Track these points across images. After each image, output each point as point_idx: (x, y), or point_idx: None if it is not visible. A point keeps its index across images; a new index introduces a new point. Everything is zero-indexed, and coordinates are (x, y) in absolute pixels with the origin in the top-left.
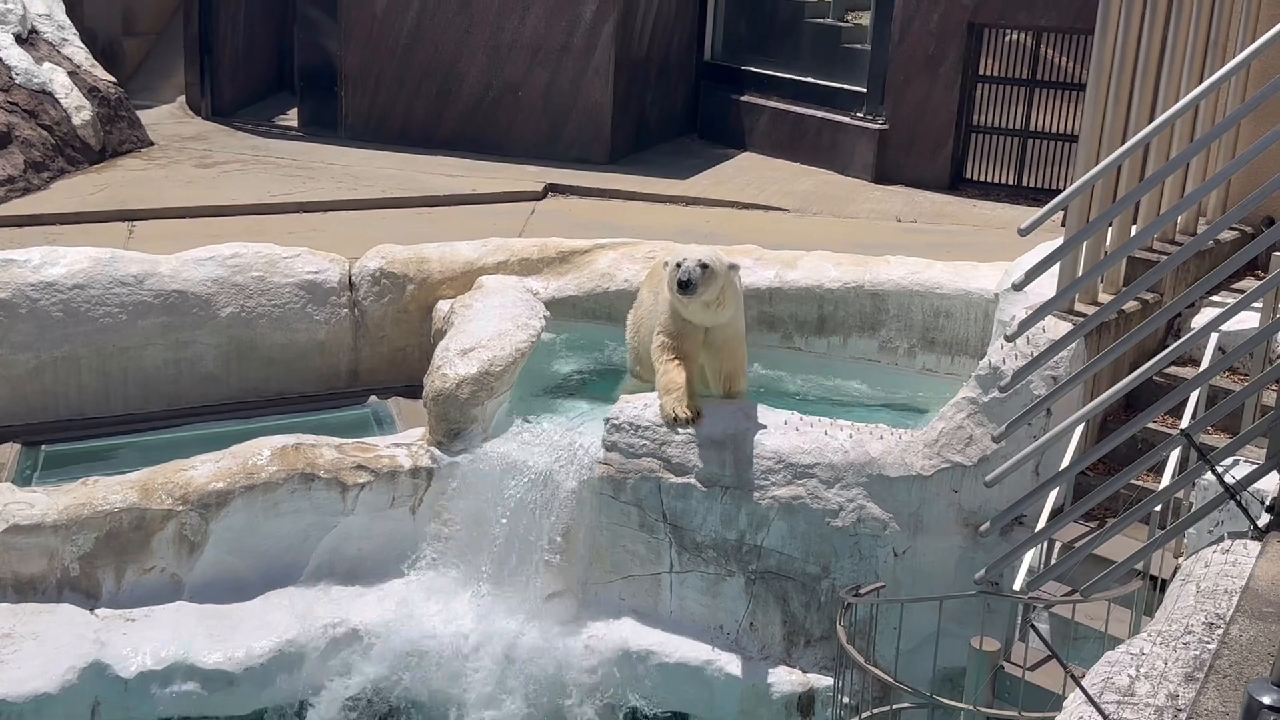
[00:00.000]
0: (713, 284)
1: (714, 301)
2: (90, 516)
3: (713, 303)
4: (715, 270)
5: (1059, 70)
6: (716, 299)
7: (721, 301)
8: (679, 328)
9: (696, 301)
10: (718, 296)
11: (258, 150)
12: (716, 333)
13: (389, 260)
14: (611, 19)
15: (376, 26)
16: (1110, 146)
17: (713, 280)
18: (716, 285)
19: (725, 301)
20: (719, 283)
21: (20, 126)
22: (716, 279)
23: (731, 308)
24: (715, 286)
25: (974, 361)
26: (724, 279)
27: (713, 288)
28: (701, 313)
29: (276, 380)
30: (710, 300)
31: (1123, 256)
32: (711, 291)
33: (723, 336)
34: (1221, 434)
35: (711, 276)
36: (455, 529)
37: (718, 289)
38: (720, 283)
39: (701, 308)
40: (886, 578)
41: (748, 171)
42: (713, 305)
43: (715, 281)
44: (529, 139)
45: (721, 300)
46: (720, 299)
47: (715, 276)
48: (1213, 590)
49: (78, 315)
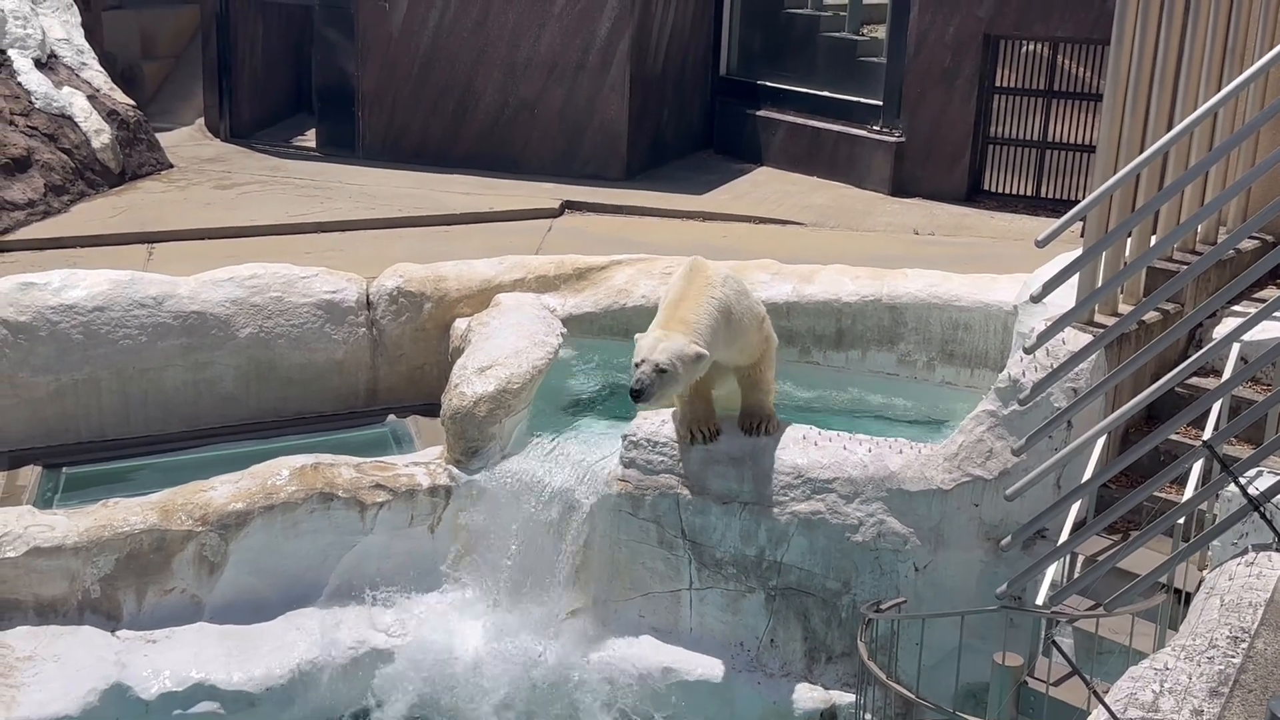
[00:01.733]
0: (670, 386)
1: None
2: (111, 538)
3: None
4: (674, 374)
5: (1076, 81)
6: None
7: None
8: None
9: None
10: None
11: (276, 171)
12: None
13: (406, 279)
14: (627, 36)
15: (393, 46)
16: (1128, 156)
17: (671, 383)
18: (676, 386)
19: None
20: (679, 383)
21: (40, 150)
22: (676, 380)
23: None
24: (674, 387)
25: (993, 374)
26: (686, 376)
27: (670, 389)
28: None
29: (295, 400)
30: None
31: (1142, 266)
32: (669, 393)
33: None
34: (1245, 445)
35: (670, 381)
36: (474, 547)
37: (679, 388)
38: (681, 383)
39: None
40: (908, 593)
41: (764, 186)
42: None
43: (675, 384)
44: (545, 156)
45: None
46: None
47: (674, 380)
48: (1237, 604)
49: (98, 337)
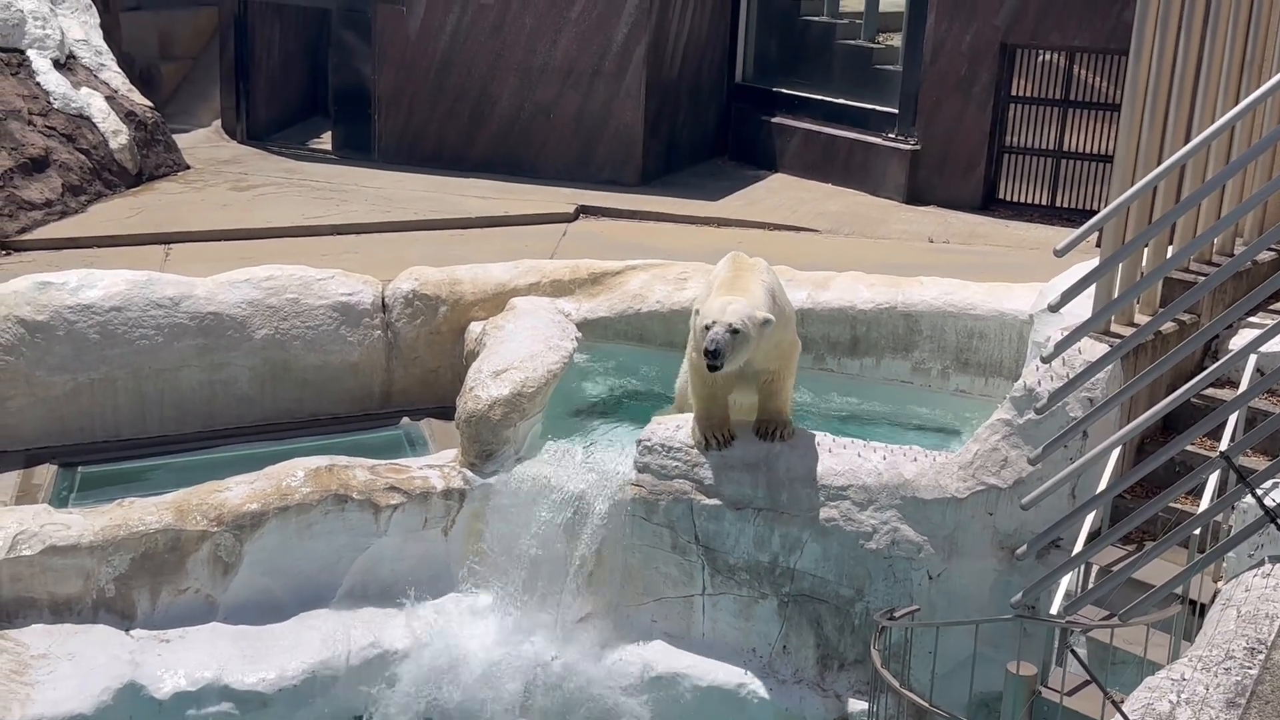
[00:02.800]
0: (743, 349)
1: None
2: (126, 538)
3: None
4: (747, 334)
5: (1092, 90)
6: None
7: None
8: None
9: (728, 368)
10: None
11: (292, 173)
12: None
13: (422, 282)
14: (643, 42)
15: (410, 50)
16: (1146, 167)
17: (744, 345)
18: (748, 348)
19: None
20: (749, 345)
21: (58, 151)
22: (748, 342)
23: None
24: (746, 350)
25: (1008, 383)
26: (756, 339)
27: (742, 353)
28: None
29: (310, 402)
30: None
31: (1159, 277)
32: (741, 356)
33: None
34: (1261, 456)
35: (743, 341)
36: (487, 550)
37: (748, 351)
38: (752, 344)
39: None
40: (921, 601)
41: (779, 193)
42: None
43: (746, 346)
44: (561, 161)
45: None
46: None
47: (746, 341)
48: (1254, 615)
49: (114, 337)
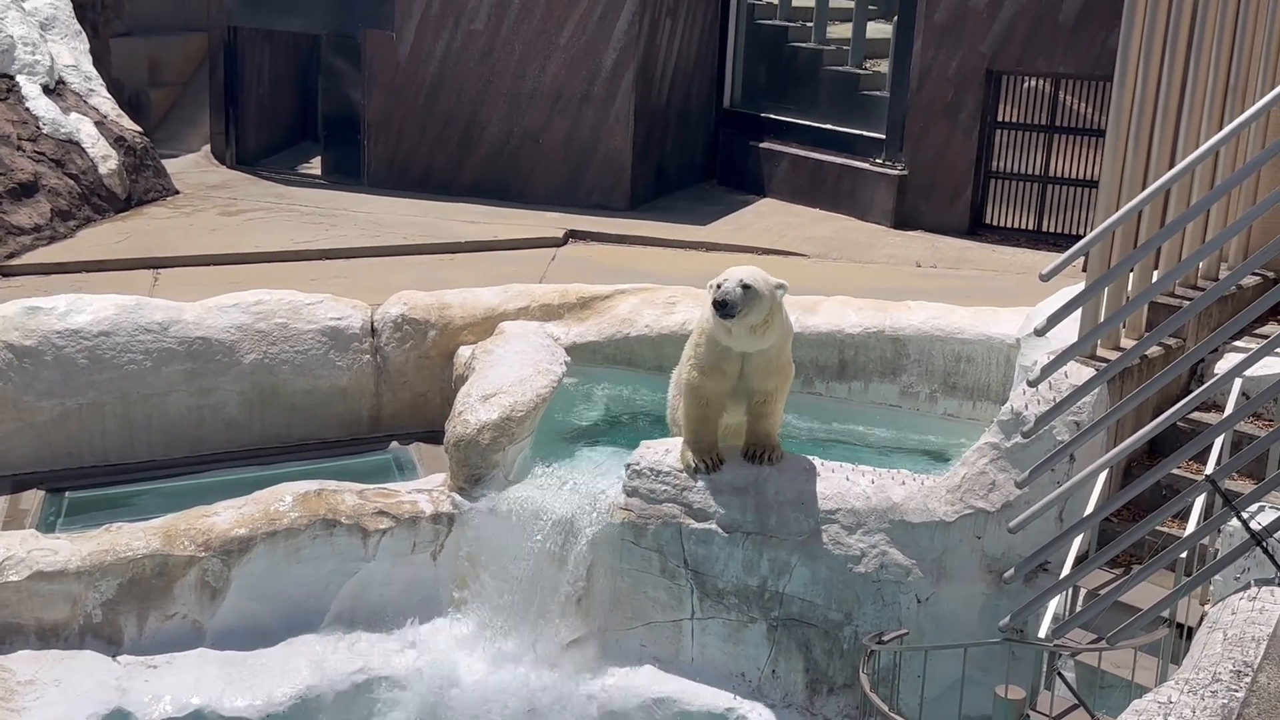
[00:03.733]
0: (756, 305)
1: (759, 325)
2: (113, 563)
3: (758, 326)
4: (759, 290)
5: (1078, 116)
6: (763, 321)
7: (768, 324)
8: (715, 359)
9: (740, 325)
10: (764, 319)
11: (281, 198)
12: (757, 359)
13: (411, 306)
14: (632, 68)
15: (399, 75)
16: (1130, 192)
17: (756, 301)
18: (761, 307)
19: (772, 324)
20: (764, 304)
21: (47, 176)
22: (761, 300)
23: (777, 333)
24: (760, 309)
25: (996, 407)
26: (769, 300)
27: (756, 309)
28: (746, 337)
29: (299, 426)
30: (755, 323)
31: (1144, 302)
32: (756, 314)
33: (763, 363)
34: (1247, 480)
35: (755, 297)
36: (476, 575)
37: (763, 311)
38: (766, 304)
39: (747, 331)
40: (910, 625)
41: (767, 217)
42: (758, 329)
43: (759, 303)
44: (550, 186)
45: (768, 323)
46: (766, 321)
47: (759, 297)
48: (1240, 638)
49: (103, 362)
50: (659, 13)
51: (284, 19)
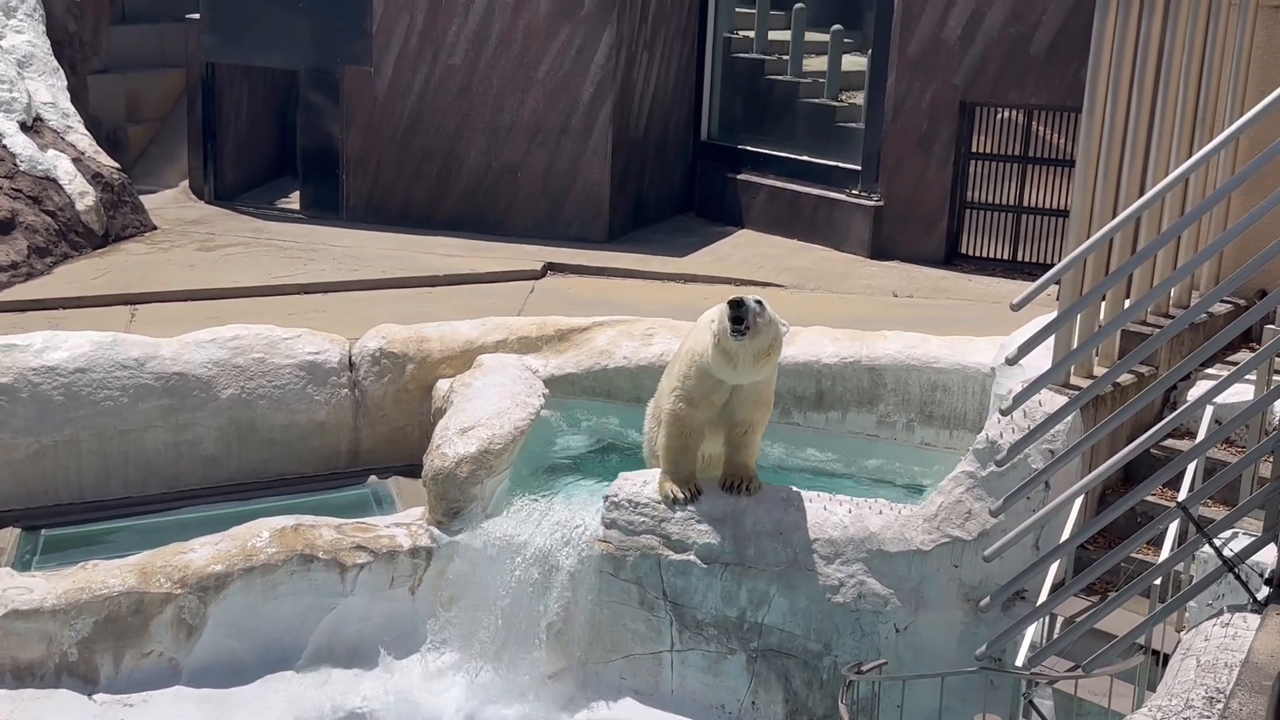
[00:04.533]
0: (767, 329)
1: (762, 353)
2: (89, 601)
3: (761, 355)
4: (771, 315)
5: (1051, 147)
6: (766, 350)
7: (770, 355)
8: (705, 390)
9: (749, 346)
10: (768, 348)
11: (260, 233)
12: (746, 391)
13: (389, 340)
14: (609, 101)
15: (378, 110)
16: (1101, 222)
17: (768, 325)
18: (770, 332)
19: (772, 356)
20: (772, 330)
21: (24, 213)
22: (771, 325)
23: (774, 363)
24: (768, 334)
25: (972, 435)
26: (777, 329)
27: (766, 333)
28: (748, 366)
29: (276, 461)
30: (761, 348)
31: (1116, 329)
32: (765, 338)
33: (751, 395)
34: (1220, 506)
35: (768, 321)
36: (455, 609)
37: (769, 338)
38: (773, 331)
39: (751, 358)
40: (889, 654)
41: (745, 248)
42: (760, 358)
43: (769, 328)
44: (528, 219)
45: (770, 354)
46: (769, 352)
47: (771, 322)
48: (1213, 664)
49: (79, 399)
50: (636, 46)
51: (262, 55)
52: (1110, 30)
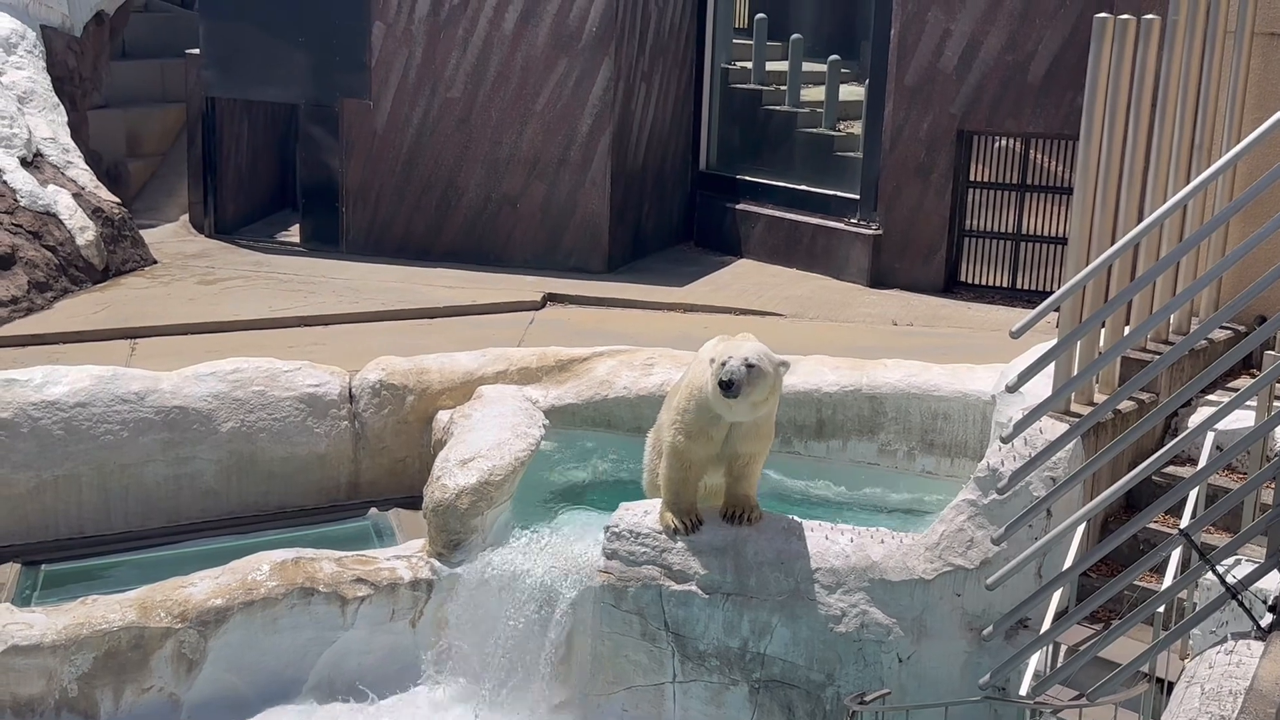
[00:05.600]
0: (760, 384)
1: (760, 402)
2: (89, 636)
3: (760, 402)
4: (763, 369)
5: (1049, 175)
6: (764, 398)
7: (768, 399)
8: (703, 425)
9: (742, 404)
10: (765, 396)
11: (260, 266)
12: (745, 426)
13: (389, 372)
14: (608, 132)
15: (377, 143)
16: (1100, 248)
17: (760, 380)
18: (765, 385)
19: (771, 400)
20: (767, 382)
21: (24, 248)
22: (765, 379)
23: (771, 405)
24: (763, 386)
25: (974, 463)
26: (773, 378)
27: (760, 387)
28: (746, 411)
29: (277, 494)
30: (758, 401)
31: (1116, 356)
32: (759, 391)
33: (751, 429)
34: (1222, 533)
35: (759, 376)
36: (456, 641)
37: (766, 389)
38: (769, 382)
39: (749, 408)
40: (892, 684)
41: (744, 278)
42: (759, 404)
43: (763, 381)
44: (528, 250)
45: (768, 398)
46: (768, 397)
47: (763, 376)
48: (1217, 692)
49: (79, 433)
50: (634, 78)
51: (261, 90)
52: (1106, 58)
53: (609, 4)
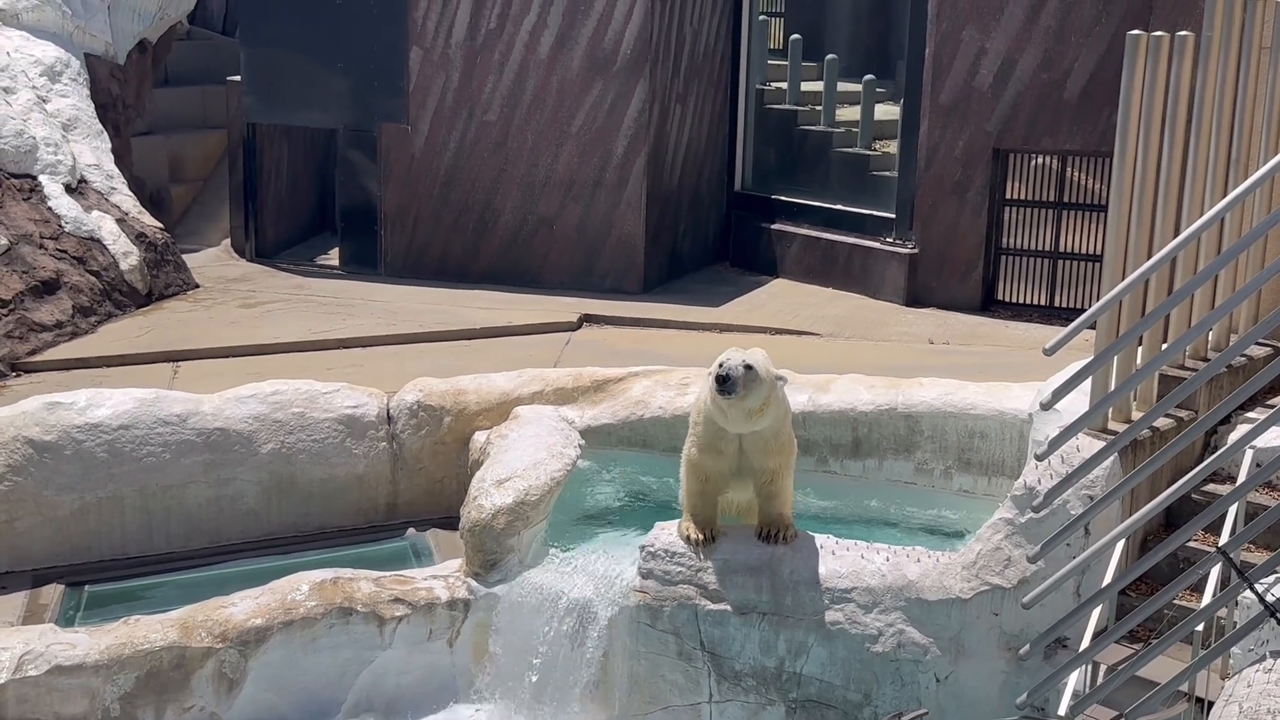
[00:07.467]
0: (756, 389)
1: (755, 411)
2: (131, 656)
3: (754, 411)
4: (760, 375)
5: (1086, 192)
6: (759, 408)
7: (763, 411)
8: (711, 438)
9: (737, 407)
10: (760, 406)
11: (300, 289)
12: (754, 439)
13: (426, 393)
14: (643, 153)
15: (415, 167)
16: (1136, 264)
17: (756, 385)
18: (760, 392)
19: (766, 412)
20: (763, 390)
21: (69, 273)
22: (761, 385)
23: (771, 417)
24: (759, 393)
25: (1011, 482)
26: (769, 387)
27: (755, 394)
28: (741, 420)
29: (316, 515)
30: (752, 408)
31: (1152, 372)
32: (754, 398)
33: (760, 443)
34: (1261, 550)
35: (755, 380)
36: (493, 661)
37: (761, 397)
38: (765, 390)
39: (743, 415)
40: (929, 704)
41: (780, 298)
42: (754, 414)
43: (759, 387)
44: (564, 271)
45: (763, 411)
46: (762, 409)
47: (760, 382)
48: (1255, 711)
49: (122, 455)
50: (669, 100)
51: (301, 115)
52: (1140, 74)
53: (644, 27)
